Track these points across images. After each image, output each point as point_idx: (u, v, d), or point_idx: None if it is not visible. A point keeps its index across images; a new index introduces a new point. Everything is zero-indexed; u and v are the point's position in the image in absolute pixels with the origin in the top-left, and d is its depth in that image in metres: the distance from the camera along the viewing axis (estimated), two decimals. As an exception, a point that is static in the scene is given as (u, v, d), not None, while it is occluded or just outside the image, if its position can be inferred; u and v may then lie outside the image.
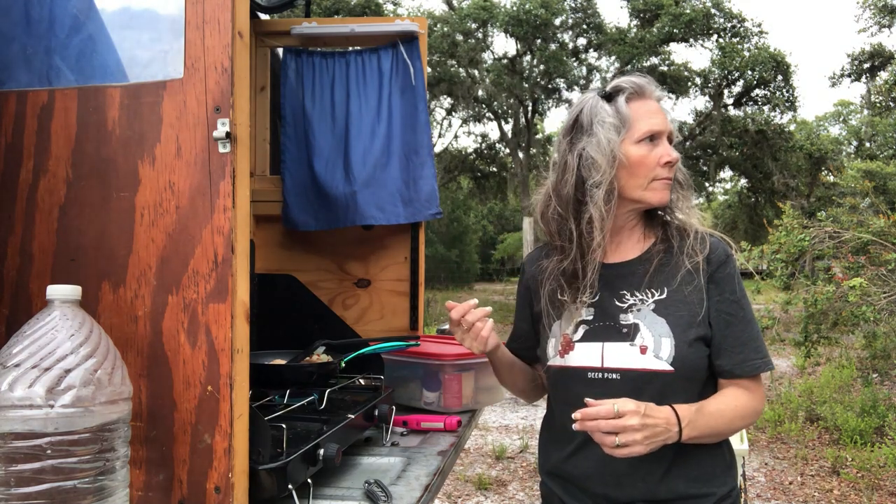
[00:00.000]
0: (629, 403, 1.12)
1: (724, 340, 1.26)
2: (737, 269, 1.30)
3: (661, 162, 1.28)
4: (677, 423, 1.15)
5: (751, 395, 1.26)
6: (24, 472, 0.80)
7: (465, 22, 16.00)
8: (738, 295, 1.28)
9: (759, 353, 1.27)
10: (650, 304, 1.28)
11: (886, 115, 18.40)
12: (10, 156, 1.08)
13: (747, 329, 1.27)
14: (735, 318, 1.26)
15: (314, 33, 2.01)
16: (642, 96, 1.31)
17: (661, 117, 1.30)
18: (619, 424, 1.10)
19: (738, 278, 1.29)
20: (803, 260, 6.74)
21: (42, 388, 0.81)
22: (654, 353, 1.25)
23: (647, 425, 1.11)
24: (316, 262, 2.12)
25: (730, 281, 1.28)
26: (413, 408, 1.83)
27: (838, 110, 32.20)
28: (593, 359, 1.29)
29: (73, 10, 1.09)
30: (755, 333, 1.28)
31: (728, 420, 1.23)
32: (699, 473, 1.27)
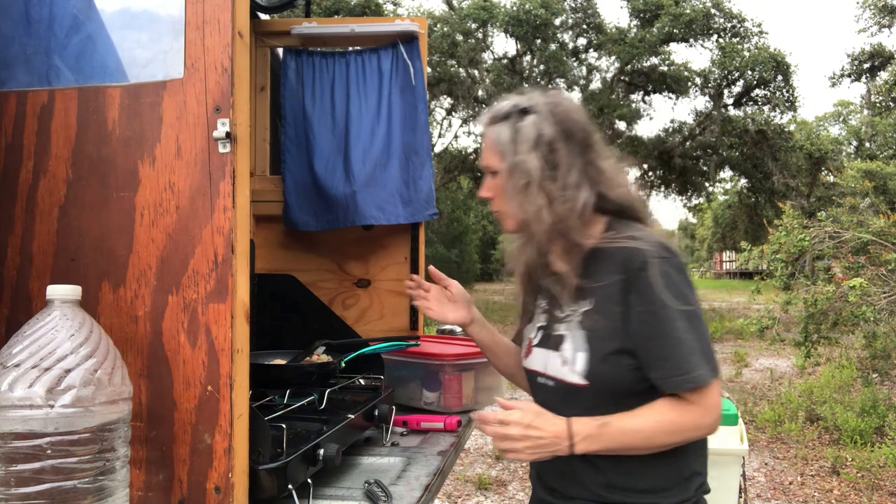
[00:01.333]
0: (516, 414, 1.15)
1: (647, 354, 1.17)
2: (662, 276, 1.16)
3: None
4: (568, 437, 1.14)
5: (685, 409, 1.16)
6: (24, 472, 0.80)
7: (465, 22, 16.00)
8: (657, 305, 1.15)
9: (680, 369, 1.14)
10: (578, 315, 1.25)
11: (886, 115, 18.40)
12: (10, 156, 1.08)
13: (667, 343, 1.15)
14: (653, 330, 1.16)
15: (314, 33, 2.01)
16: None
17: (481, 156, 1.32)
18: (499, 432, 1.14)
19: (660, 286, 1.16)
20: (803, 260, 6.74)
21: (42, 388, 0.81)
22: (570, 367, 1.24)
23: (530, 437, 1.13)
24: (316, 262, 2.12)
25: (647, 290, 1.16)
26: (413, 408, 1.83)
27: (838, 110, 32.21)
28: (540, 364, 1.33)
29: (72, 10, 1.09)
30: (677, 348, 1.15)
31: (647, 436, 1.16)
32: (646, 487, 1.23)
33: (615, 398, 1.20)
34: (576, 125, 1.25)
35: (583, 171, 1.23)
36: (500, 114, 1.28)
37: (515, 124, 1.25)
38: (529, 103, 1.26)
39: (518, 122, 1.25)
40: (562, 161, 1.22)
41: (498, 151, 1.26)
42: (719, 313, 15.55)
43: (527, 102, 1.26)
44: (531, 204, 1.22)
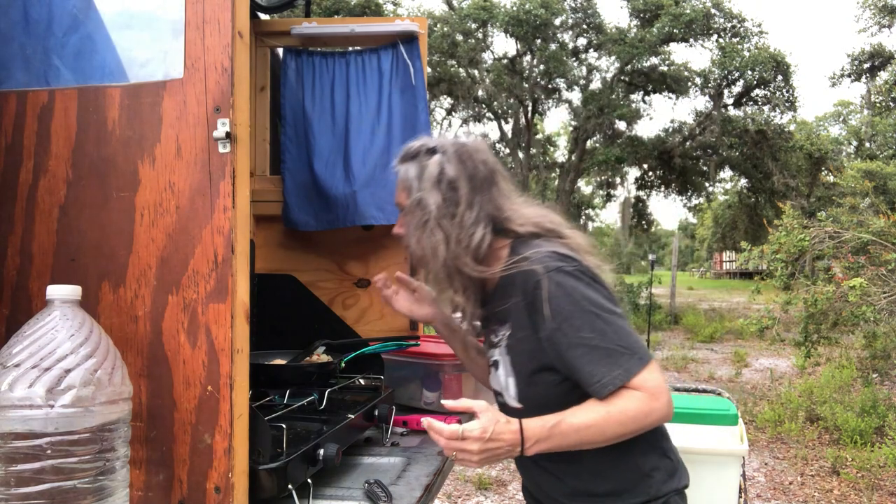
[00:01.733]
0: (477, 430, 1.11)
1: (566, 368, 1.19)
2: (556, 289, 1.17)
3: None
4: (521, 442, 1.14)
5: (630, 397, 1.15)
6: (24, 472, 0.80)
7: (465, 22, 15.99)
8: (559, 320, 1.16)
9: (598, 376, 1.15)
10: (505, 340, 1.29)
11: (886, 115, 18.40)
12: (10, 156, 1.08)
13: (579, 353, 1.16)
14: (562, 345, 1.17)
15: (314, 33, 2.01)
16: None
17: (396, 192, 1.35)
18: (458, 447, 1.12)
19: (559, 300, 1.17)
20: (803, 260, 6.74)
21: (42, 388, 0.81)
22: (507, 392, 1.30)
23: (488, 449, 1.12)
24: (316, 262, 2.12)
25: (545, 308, 1.18)
26: (413, 408, 1.83)
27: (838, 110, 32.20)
28: (495, 385, 1.37)
29: (71, 10, 1.09)
30: (592, 354, 1.15)
31: (599, 429, 1.15)
32: (605, 489, 1.25)
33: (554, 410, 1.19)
34: (479, 166, 1.29)
35: (482, 210, 1.27)
36: (410, 153, 1.32)
37: (421, 163, 1.29)
38: (436, 143, 1.31)
39: (424, 160, 1.29)
40: (462, 199, 1.25)
41: (405, 188, 1.30)
42: (719, 313, 15.56)
43: (434, 143, 1.31)
44: (428, 240, 1.25)
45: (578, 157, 17.31)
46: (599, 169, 17.03)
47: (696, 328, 12.62)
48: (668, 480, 1.28)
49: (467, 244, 1.25)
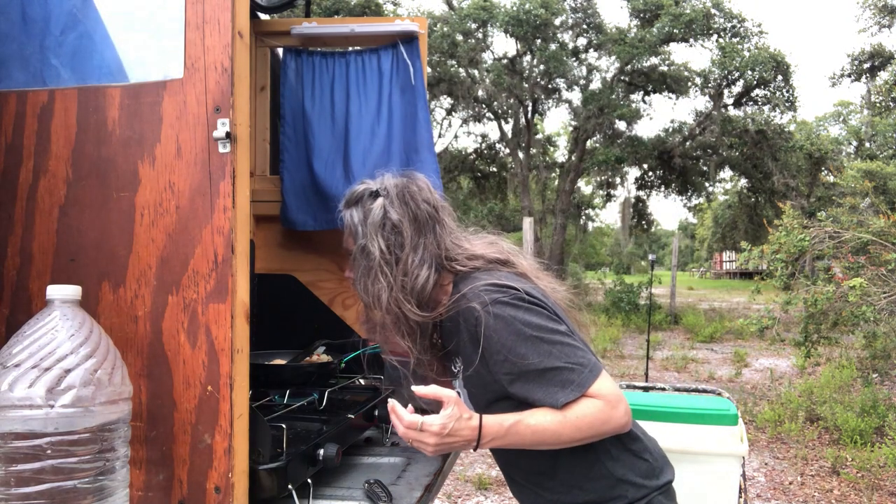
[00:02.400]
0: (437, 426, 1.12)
1: (521, 396, 1.19)
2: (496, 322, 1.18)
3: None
4: (477, 439, 1.15)
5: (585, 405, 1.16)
6: (24, 472, 0.80)
7: (465, 22, 16.00)
8: (504, 351, 1.18)
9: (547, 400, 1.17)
10: (461, 373, 1.30)
11: (886, 115, 18.40)
12: (10, 156, 1.08)
13: (529, 379, 1.18)
14: (511, 375, 1.19)
15: (314, 33, 2.01)
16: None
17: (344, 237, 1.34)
18: (415, 437, 1.14)
19: (499, 332, 1.18)
20: (803, 260, 6.74)
21: (42, 388, 0.81)
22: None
23: (444, 443, 1.14)
24: (316, 262, 2.12)
25: (488, 343, 1.19)
26: (413, 408, 1.83)
27: (838, 110, 32.19)
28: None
29: (69, 9, 1.09)
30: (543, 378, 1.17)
31: (554, 432, 1.16)
32: (585, 499, 1.27)
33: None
34: (421, 205, 1.28)
35: (426, 251, 1.26)
36: (353, 198, 1.31)
37: (365, 207, 1.28)
38: (379, 186, 1.30)
39: (368, 204, 1.28)
40: (406, 243, 1.25)
41: (351, 234, 1.29)
42: (719, 313, 15.55)
43: (377, 185, 1.30)
44: (373, 287, 1.24)
45: (578, 157, 17.31)
46: (599, 169, 17.03)
47: (696, 328, 12.62)
48: (646, 481, 1.28)
49: (412, 287, 1.24)
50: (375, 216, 1.26)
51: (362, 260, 1.26)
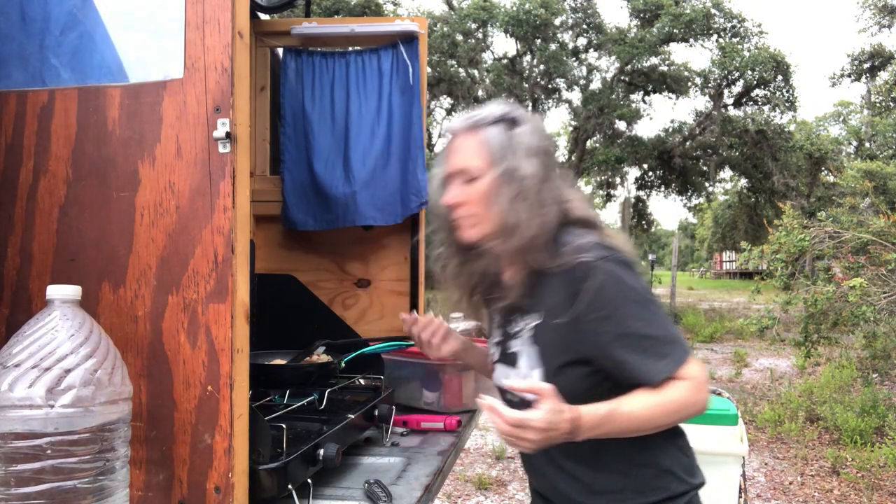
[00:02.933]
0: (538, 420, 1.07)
1: (610, 360, 1.17)
2: (610, 278, 1.16)
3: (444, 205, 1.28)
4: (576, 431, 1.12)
5: (676, 389, 1.15)
6: (24, 472, 0.80)
7: (465, 22, 16.00)
8: (610, 308, 1.15)
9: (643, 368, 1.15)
10: (529, 330, 1.25)
11: (886, 115, 18.40)
12: (10, 156, 1.08)
13: (627, 343, 1.16)
14: (609, 334, 1.16)
15: (314, 33, 2.01)
16: (451, 138, 1.29)
17: (448, 159, 1.27)
18: (517, 434, 1.08)
19: (608, 289, 1.16)
20: (803, 260, 6.74)
21: (42, 388, 0.81)
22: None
23: (545, 438, 1.09)
24: (316, 262, 2.12)
25: (595, 298, 1.16)
26: (413, 408, 1.83)
27: (838, 110, 32.18)
28: (501, 381, 1.32)
29: (69, 8, 1.09)
30: (641, 344, 1.16)
31: (648, 418, 1.15)
32: (625, 485, 1.24)
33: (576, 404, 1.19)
34: (551, 142, 1.27)
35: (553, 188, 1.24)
36: (489, 119, 1.25)
37: (509, 131, 1.23)
38: (517, 114, 1.26)
39: (511, 129, 1.23)
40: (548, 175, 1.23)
41: (485, 155, 1.23)
42: (719, 313, 15.55)
43: (515, 112, 1.26)
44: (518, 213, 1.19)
45: (578, 157, 17.31)
46: (599, 169, 17.03)
47: (696, 328, 12.62)
48: (686, 478, 1.28)
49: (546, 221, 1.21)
50: (525, 141, 1.22)
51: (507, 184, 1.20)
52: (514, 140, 1.23)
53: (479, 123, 1.25)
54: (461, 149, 1.26)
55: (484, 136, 1.23)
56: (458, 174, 1.26)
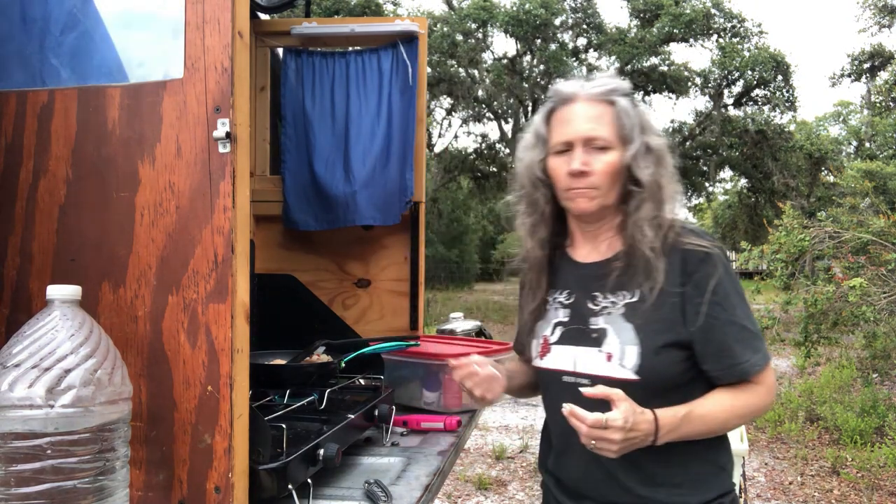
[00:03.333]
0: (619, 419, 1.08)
1: (708, 345, 1.19)
2: (722, 267, 1.20)
3: (567, 171, 1.24)
4: (655, 432, 1.13)
5: (750, 393, 1.20)
6: (24, 472, 0.80)
7: (465, 22, 16.00)
8: (721, 295, 1.19)
9: (745, 357, 1.19)
10: (620, 307, 1.23)
11: (886, 115, 18.40)
12: (10, 156, 1.08)
13: (732, 331, 1.19)
14: (718, 320, 1.18)
15: (314, 33, 2.01)
16: (567, 102, 1.26)
17: (573, 125, 1.24)
18: (600, 435, 1.09)
19: (721, 277, 1.19)
20: (803, 260, 6.73)
21: (42, 388, 0.81)
22: (619, 362, 1.21)
23: (627, 439, 1.09)
24: (316, 262, 2.12)
25: (709, 281, 1.19)
26: (413, 408, 1.83)
27: (838, 110, 32.19)
28: (567, 363, 1.28)
29: (69, 8, 1.09)
30: (743, 334, 1.19)
31: (722, 421, 1.19)
32: (684, 480, 1.23)
33: (663, 392, 1.19)
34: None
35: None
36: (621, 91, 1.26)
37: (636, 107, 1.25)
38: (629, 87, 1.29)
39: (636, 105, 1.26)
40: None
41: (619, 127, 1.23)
42: (719, 313, 15.52)
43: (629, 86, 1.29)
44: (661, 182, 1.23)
45: (578, 157, 17.28)
46: (599, 169, 17.01)
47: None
48: (731, 478, 1.30)
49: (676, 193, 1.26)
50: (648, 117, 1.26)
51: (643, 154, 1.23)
52: (642, 116, 1.25)
53: (610, 94, 1.24)
54: (588, 116, 1.23)
55: (618, 109, 1.23)
56: (585, 141, 1.23)
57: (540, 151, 1.30)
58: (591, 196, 1.24)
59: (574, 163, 1.22)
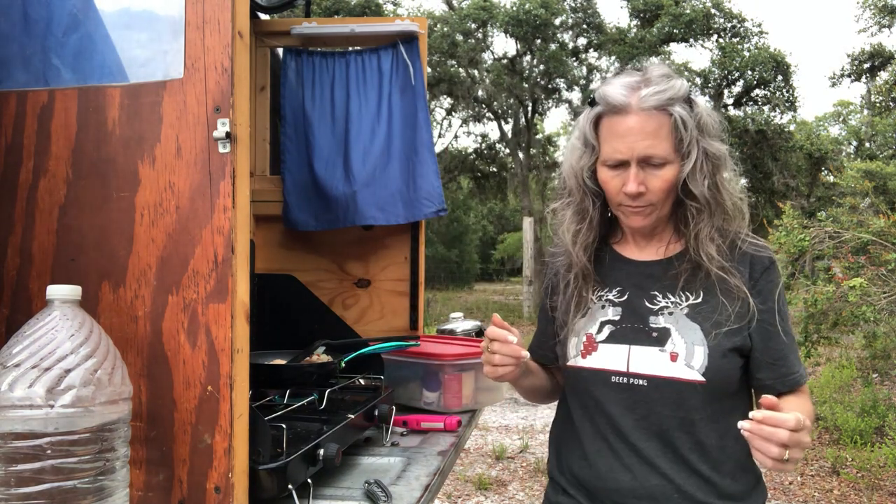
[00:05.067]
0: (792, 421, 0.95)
1: (765, 353, 1.19)
2: (779, 276, 1.22)
3: (622, 191, 1.19)
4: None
5: (806, 401, 1.20)
6: (24, 472, 0.80)
7: (465, 22, 16.00)
8: (781, 304, 1.20)
9: (797, 367, 1.21)
10: (684, 307, 1.20)
11: (886, 115, 18.39)
12: (10, 156, 1.08)
13: (786, 342, 1.20)
14: (775, 329, 1.19)
15: (314, 33, 2.01)
16: (619, 112, 1.17)
17: (627, 141, 1.15)
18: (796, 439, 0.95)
19: (780, 288, 1.20)
20: (803, 260, 6.73)
21: (42, 388, 0.81)
22: (686, 362, 1.16)
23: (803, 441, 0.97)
24: (316, 262, 2.12)
25: (773, 290, 1.20)
26: (413, 408, 1.83)
27: (838, 110, 32.18)
28: (618, 362, 1.22)
29: (70, 9, 1.09)
30: (794, 345, 1.22)
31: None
32: (736, 491, 1.21)
33: (722, 397, 1.18)
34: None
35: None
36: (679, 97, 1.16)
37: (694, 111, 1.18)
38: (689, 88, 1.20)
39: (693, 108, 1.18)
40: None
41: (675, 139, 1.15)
42: (719, 313, 15.53)
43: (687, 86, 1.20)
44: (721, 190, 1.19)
45: (578, 157, 17.29)
46: (599, 169, 17.01)
47: (696, 328, 12.60)
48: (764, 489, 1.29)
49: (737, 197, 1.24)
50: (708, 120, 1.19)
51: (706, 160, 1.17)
52: (700, 121, 1.18)
53: (667, 102, 1.15)
54: (645, 132, 1.14)
55: (674, 119, 1.15)
56: (642, 160, 1.16)
57: (588, 158, 1.24)
58: (647, 214, 1.21)
59: (630, 185, 1.16)
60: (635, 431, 1.20)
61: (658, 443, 1.19)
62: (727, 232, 1.22)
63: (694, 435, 1.18)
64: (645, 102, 1.14)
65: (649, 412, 1.15)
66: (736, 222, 1.22)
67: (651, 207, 1.20)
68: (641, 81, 1.17)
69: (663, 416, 1.17)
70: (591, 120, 1.23)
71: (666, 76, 1.18)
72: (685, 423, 1.18)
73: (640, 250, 1.30)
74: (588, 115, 1.24)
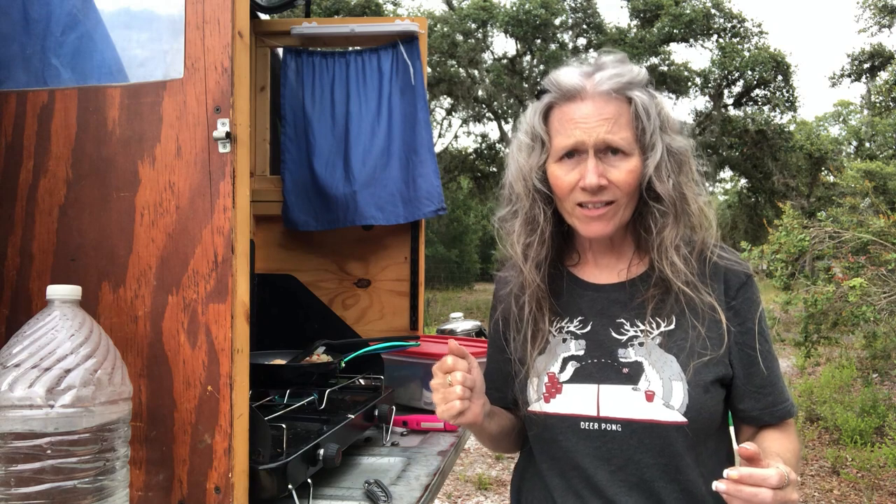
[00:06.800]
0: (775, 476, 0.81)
1: (749, 381, 1.03)
2: (758, 293, 1.05)
3: (580, 185, 1.01)
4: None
5: (793, 436, 1.04)
6: (24, 472, 0.80)
7: (465, 22, 16.01)
8: (762, 325, 1.04)
9: (786, 393, 1.05)
10: (656, 336, 1.03)
11: (886, 115, 18.40)
12: (10, 156, 1.08)
13: (772, 366, 1.04)
14: (759, 353, 1.03)
15: (314, 33, 2.01)
16: (572, 98, 1.02)
17: (583, 127, 0.99)
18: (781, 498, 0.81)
19: (759, 303, 1.04)
20: (803, 260, 6.74)
21: (42, 388, 0.81)
22: (664, 401, 1.00)
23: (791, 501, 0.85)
24: (316, 262, 2.12)
25: (750, 307, 1.03)
26: (413, 408, 1.83)
27: (838, 110, 32.20)
28: (587, 405, 1.04)
29: (70, 9, 1.09)
30: (779, 371, 1.06)
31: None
32: None
33: (705, 439, 1.02)
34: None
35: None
36: (638, 82, 1.02)
37: (654, 99, 1.03)
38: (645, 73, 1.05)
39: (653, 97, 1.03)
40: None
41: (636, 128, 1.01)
42: (719, 313, 15.53)
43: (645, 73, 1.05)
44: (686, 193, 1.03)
45: (578, 157, 17.32)
46: (599, 169, 17.04)
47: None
48: None
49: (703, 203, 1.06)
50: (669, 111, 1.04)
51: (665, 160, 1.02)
52: (661, 110, 1.03)
53: (626, 86, 1.01)
54: (603, 116, 1.00)
55: (635, 105, 1.01)
56: (600, 148, 1.00)
57: (538, 156, 1.06)
58: (609, 217, 1.02)
59: (590, 176, 0.99)
60: (612, 485, 1.03)
61: (640, 495, 1.02)
62: (693, 242, 1.06)
63: (680, 483, 1.01)
64: (601, 86, 1.01)
65: (627, 462, 0.99)
66: (703, 230, 1.05)
67: (614, 208, 1.02)
68: (595, 66, 1.05)
69: (643, 464, 1.00)
70: (540, 112, 1.06)
71: (621, 61, 1.05)
72: (669, 471, 1.01)
73: (599, 271, 1.12)
74: (536, 106, 1.08)
